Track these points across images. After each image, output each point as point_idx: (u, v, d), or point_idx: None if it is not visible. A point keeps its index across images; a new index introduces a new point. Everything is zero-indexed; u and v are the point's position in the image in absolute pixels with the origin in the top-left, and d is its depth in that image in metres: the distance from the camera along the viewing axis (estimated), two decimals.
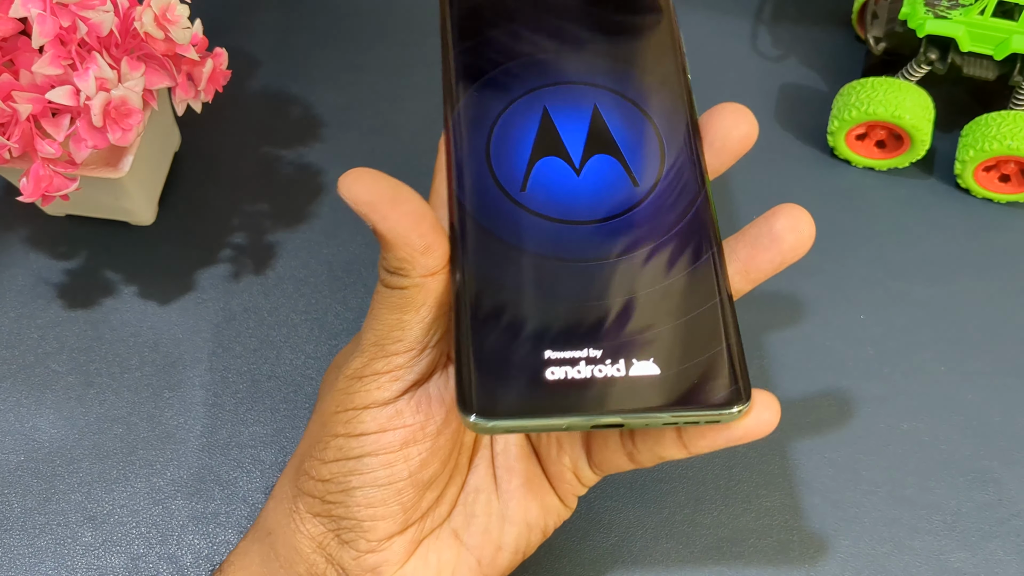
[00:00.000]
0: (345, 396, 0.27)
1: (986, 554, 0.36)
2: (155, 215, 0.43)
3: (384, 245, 0.26)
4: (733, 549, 0.35)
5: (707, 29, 0.52)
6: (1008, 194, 0.45)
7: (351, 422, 0.27)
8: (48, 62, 0.33)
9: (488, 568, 0.30)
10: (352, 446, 0.27)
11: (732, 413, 0.24)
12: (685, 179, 0.27)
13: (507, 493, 0.30)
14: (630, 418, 0.24)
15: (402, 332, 0.26)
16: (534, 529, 0.30)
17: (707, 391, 0.24)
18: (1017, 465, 0.38)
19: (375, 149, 0.46)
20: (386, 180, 0.25)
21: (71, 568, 0.34)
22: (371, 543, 0.28)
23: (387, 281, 0.26)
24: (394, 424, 0.27)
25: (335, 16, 0.52)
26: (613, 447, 0.29)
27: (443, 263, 0.26)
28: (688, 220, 0.27)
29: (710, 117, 0.28)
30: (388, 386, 0.27)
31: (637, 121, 0.28)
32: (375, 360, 0.27)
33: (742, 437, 0.26)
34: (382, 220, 0.25)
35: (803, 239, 0.27)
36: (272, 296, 0.41)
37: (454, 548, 0.29)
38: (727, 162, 0.29)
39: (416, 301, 0.26)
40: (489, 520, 0.30)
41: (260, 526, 0.30)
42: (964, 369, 0.40)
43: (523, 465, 0.30)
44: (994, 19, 0.42)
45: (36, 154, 0.34)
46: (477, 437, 0.30)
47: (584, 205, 0.27)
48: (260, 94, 0.48)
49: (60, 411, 0.38)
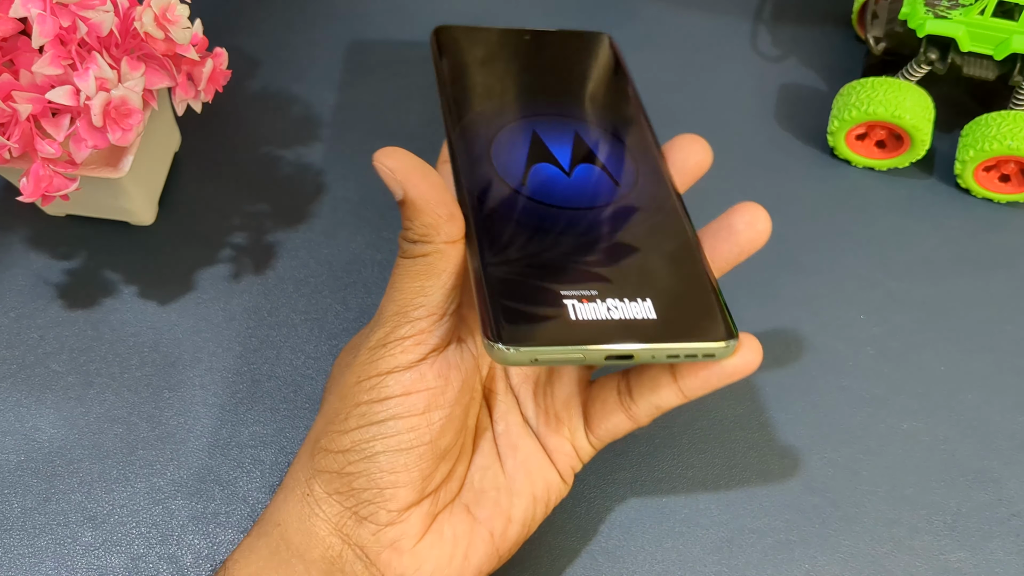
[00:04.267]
0: (369, 365, 0.29)
1: (986, 554, 0.36)
2: (155, 215, 0.43)
3: (411, 213, 0.28)
4: (733, 549, 0.35)
5: (707, 29, 0.52)
6: (1008, 194, 0.45)
7: (375, 388, 0.28)
8: (48, 62, 0.33)
9: (500, 540, 0.31)
10: (376, 411, 0.28)
11: (724, 347, 0.28)
12: (657, 177, 0.32)
13: (512, 469, 0.32)
14: (636, 349, 0.27)
15: (425, 298, 0.28)
16: (539, 502, 0.32)
17: (702, 328, 0.28)
18: (1017, 465, 0.38)
19: (375, 149, 0.46)
20: (414, 157, 0.29)
21: (71, 568, 0.34)
22: (391, 513, 0.29)
23: (409, 252, 0.29)
24: (418, 387, 0.28)
25: (335, 16, 0.52)
26: (611, 406, 0.31)
27: (462, 233, 0.29)
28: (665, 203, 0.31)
29: (671, 146, 0.33)
30: (412, 349, 0.28)
31: (611, 142, 0.34)
32: (399, 327, 0.29)
33: (732, 375, 0.29)
34: (414, 187, 0.28)
35: (759, 234, 0.30)
36: (272, 296, 0.41)
37: (467, 522, 0.30)
38: (686, 183, 0.33)
39: (438, 267, 0.28)
40: (498, 494, 0.31)
41: (267, 520, 0.30)
42: (964, 369, 0.40)
43: (524, 442, 0.32)
44: (994, 19, 0.42)
45: (36, 154, 0.34)
46: (480, 420, 0.32)
47: (576, 195, 0.31)
48: (260, 94, 0.48)
49: (60, 411, 0.38)
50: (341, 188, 0.45)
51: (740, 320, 0.41)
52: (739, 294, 0.42)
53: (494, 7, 0.54)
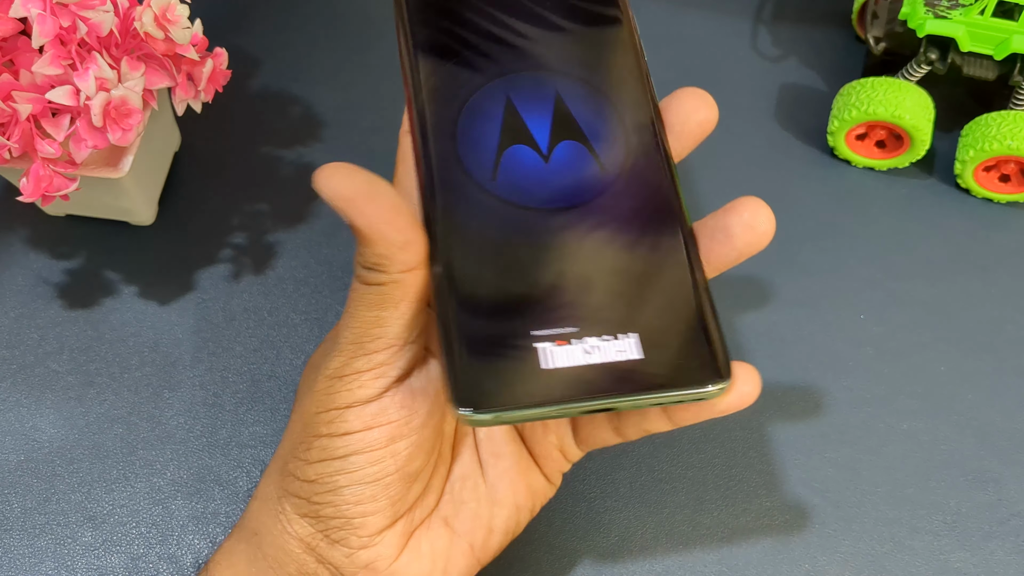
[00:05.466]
0: (326, 396, 0.27)
1: (986, 554, 0.36)
2: (155, 215, 0.43)
3: (361, 240, 0.25)
4: (733, 549, 0.35)
5: (707, 29, 0.52)
6: (1008, 194, 0.45)
7: (334, 422, 0.27)
8: (48, 62, 0.33)
9: (480, 552, 0.30)
10: (337, 445, 0.27)
11: (714, 391, 0.24)
12: (652, 163, 0.27)
13: (494, 477, 0.30)
14: (619, 402, 0.24)
15: (382, 329, 0.26)
16: (522, 510, 0.30)
17: (690, 372, 0.24)
18: (1017, 465, 0.38)
19: (375, 149, 0.46)
20: (362, 174, 0.25)
21: (71, 568, 0.34)
22: (362, 539, 0.28)
23: (364, 277, 0.26)
24: (379, 421, 0.26)
25: (335, 16, 0.52)
26: (599, 423, 0.29)
27: (421, 259, 0.25)
28: (658, 204, 0.27)
29: (671, 102, 0.28)
30: (371, 384, 0.26)
31: (600, 107, 0.28)
32: (355, 359, 0.26)
33: (724, 410, 0.26)
34: (359, 215, 0.24)
35: (759, 236, 0.26)
36: (272, 296, 0.41)
37: (446, 536, 0.29)
38: (688, 146, 0.28)
39: (395, 297, 0.25)
40: (478, 505, 0.30)
41: (245, 526, 0.30)
42: (964, 369, 0.40)
43: (509, 448, 0.30)
44: (994, 19, 0.42)
45: (36, 154, 0.34)
46: (459, 426, 0.30)
47: (555, 191, 0.27)
48: (260, 94, 0.48)
49: (60, 411, 0.38)
50: None
51: (739, 322, 0.42)
52: (738, 294, 0.42)
53: None
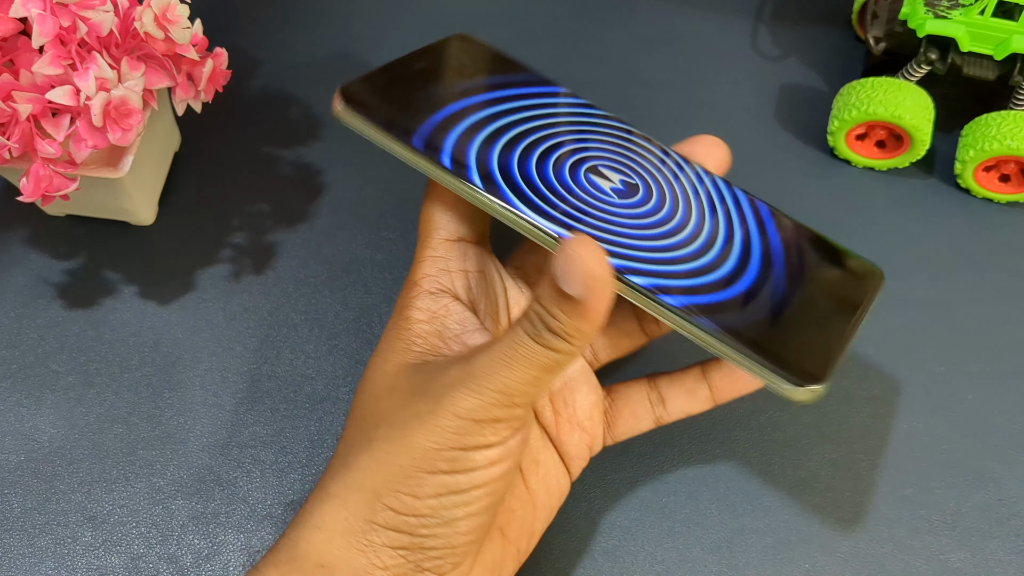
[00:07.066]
0: (454, 436, 0.27)
1: (986, 554, 0.35)
2: (155, 215, 0.43)
3: (576, 315, 0.25)
4: (733, 549, 0.35)
5: (707, 29, 0.52)
6: (1008, 194, 0.45)
7: (459, 460, 0.27)
8: (48, 62, 0.33)
9: (524, 555, 0.31)
10: (460, 481, 0.27)
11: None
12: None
13: (535, 484, 0.31)
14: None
15: (536, 390, 0.26)
16: (554, 510, 0.32)
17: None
18: (1017, 465, 0.38)
19: (375, 149, 0.46)
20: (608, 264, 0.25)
21: (71, 568, 0.34)
22: (459, 566, 0.28)
23: (548, 342, 0.26)
24: (502, 457, 0.27)
25: (335, 16, 0.52)
26: (642, 412, 0.32)
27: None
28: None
29: (689, 148, 0.33)
30: (503, 432, 0.27)
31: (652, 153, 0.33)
32: (497, 407, 0.26)
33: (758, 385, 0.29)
34: (598, 297, 0.25)
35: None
36: (272, 296, 0.41)
37: (500, 545, 0.30)
38: None
39: (565, 365, 0.26)
40: (524, 512, 0.31)
41: (305, 557, 0.28)
42: (964, 369, 0.40)
43: (544, 455, 0.32)
44: (994, 19, 0.42)
45: (36, 154, 0.34)
46: None
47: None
48: (260, 94, 0.48)
49: (60, 411, 0.38)
50: (341, 188, 0.45)
51: None
52: None
53: (495, 7, 0.54)
